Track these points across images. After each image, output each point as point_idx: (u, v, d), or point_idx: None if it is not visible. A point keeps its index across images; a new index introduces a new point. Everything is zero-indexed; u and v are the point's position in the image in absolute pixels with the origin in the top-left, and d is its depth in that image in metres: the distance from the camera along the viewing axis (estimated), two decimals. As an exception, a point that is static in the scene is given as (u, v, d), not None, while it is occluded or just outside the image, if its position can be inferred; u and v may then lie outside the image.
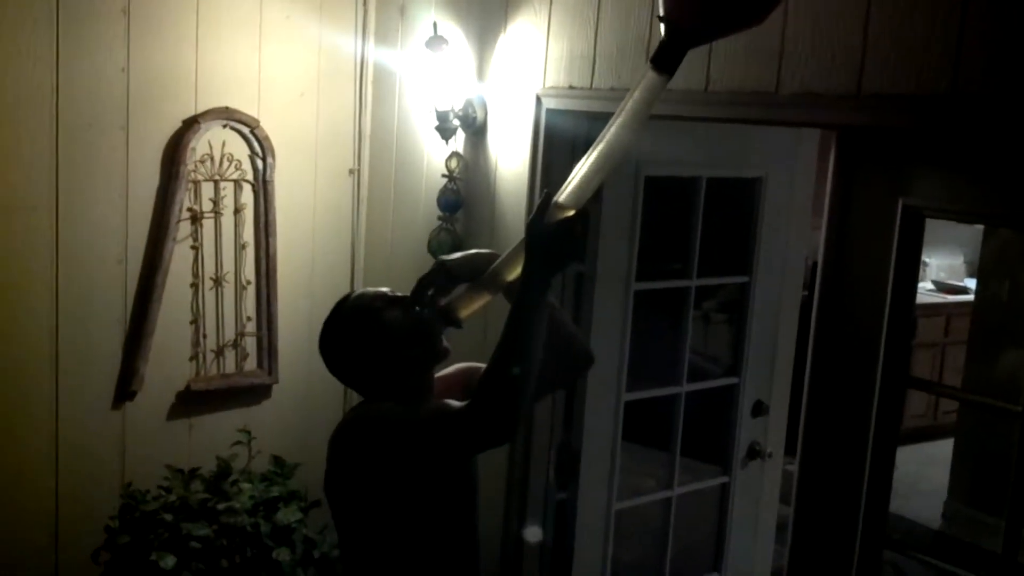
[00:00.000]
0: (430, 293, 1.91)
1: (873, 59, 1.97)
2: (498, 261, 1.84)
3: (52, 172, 2.96)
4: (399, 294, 1.99)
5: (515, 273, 1.77)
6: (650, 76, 1.66)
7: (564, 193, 1.68)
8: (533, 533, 1.89)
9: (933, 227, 2.26)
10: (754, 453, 3.37)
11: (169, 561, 2.68)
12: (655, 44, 2.34)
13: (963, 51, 1.83)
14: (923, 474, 5.81)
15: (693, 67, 2.30)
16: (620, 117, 1.66)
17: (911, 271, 2.24)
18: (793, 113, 2.17)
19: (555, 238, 1.65)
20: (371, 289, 2.03)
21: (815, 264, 4.45)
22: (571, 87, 2.69)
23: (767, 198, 3.21)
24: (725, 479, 3.36)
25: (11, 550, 3.05)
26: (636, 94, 1.66)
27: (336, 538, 2.99)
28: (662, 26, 1.65)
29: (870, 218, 2.26)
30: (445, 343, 1.94)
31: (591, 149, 1.68)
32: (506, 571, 2.94)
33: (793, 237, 3.33)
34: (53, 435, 3.08)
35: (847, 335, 2.31)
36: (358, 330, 1.93)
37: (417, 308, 1.93)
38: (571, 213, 1.65)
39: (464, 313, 1.89)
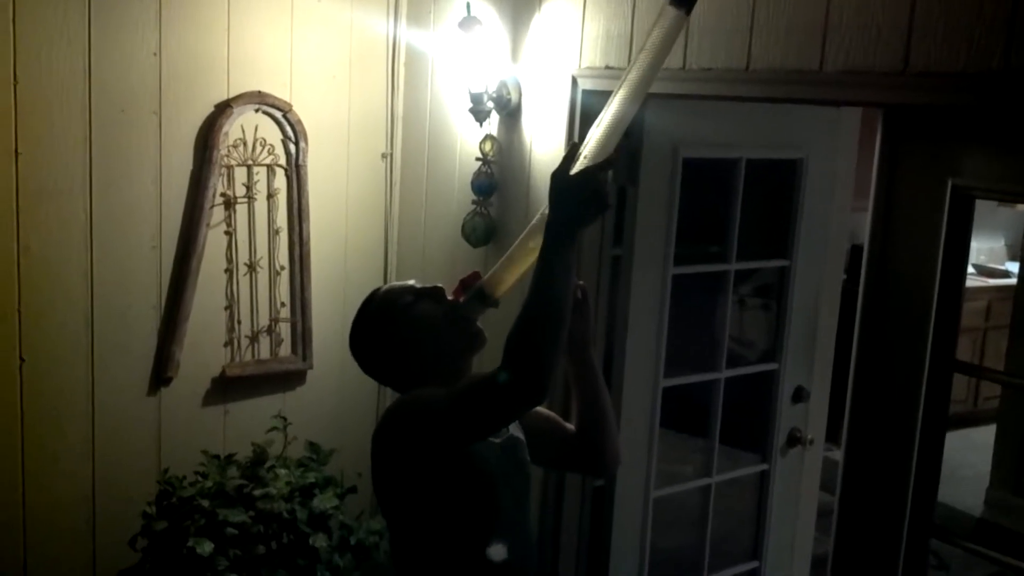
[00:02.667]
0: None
1: (921, 35, 1.91)
2: (526, 231, 1.81)
3: (85, 158, 2.96)
4: (427, 286, 1.96)
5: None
6: (668, 12, 1.65)
7: (589, 144, 1.65)
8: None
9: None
10: (794, 440, 3.32)
11: (206, 547, 2.68)
12: (693, 21, 2.31)
13: (1016, 25, 1.77)
14: (964, 460, 5.74)
15: (734, 45, 2.25)
16: (639, 60, 1.64)
17: (960, 253, 2.18)
18: (837, 91, 2.11)
19: (580, 187, 1.61)
20: (397, 283, 2.00)
21: (853, 247, 4.40)
22: (607, 67, 2.64)
23: (808, 180, 3.15)
24: (765, 466, 3.31)
25: (49, 536, 3.07)
26: (654, 33, 1.64)
27: (372, 525, 3.00)
28: None
29: (918, 199, 2.20)
30: (479, 327, 1.91)
31: (611, 97, 1.67)
32: (543, 558, 2.91)
33: (834, 219, 3.27)
34: (90, 422, 3.09)
35: (894, 319, 2.25)
36: (393, 325, 1.91)
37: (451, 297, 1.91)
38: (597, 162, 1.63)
39: (499, 291, 1.86)
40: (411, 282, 2.00)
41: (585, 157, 1.65)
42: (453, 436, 1.76)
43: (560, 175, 1.64)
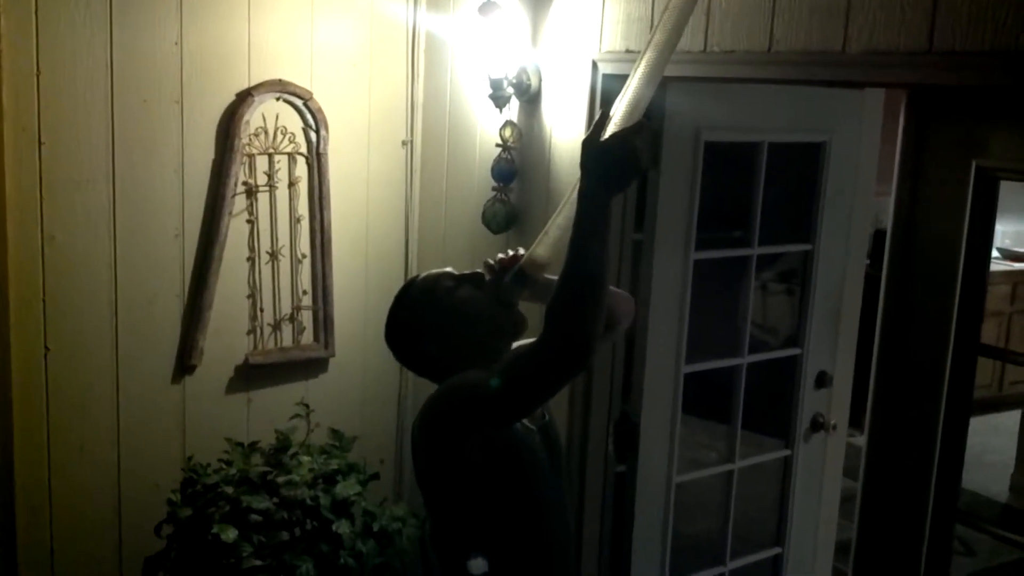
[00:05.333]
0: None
1: (945, 13, 1.89)
2: (560, 207, 1.80)
3: (108, 147, 2.98)
4: (466, 272, 1.95)
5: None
6: None
7: (618, 110, 1.65)
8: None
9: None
10: (817, 425, 3.30)
11: (231, 534, 2.70)
12: (714, 3, 2.30)
13: (1043, 4, 1.75)
14: (989, 446, 5.69)
15: (756, 27, 2.24)
16: (663, 21, 1.66)
17: (985, 235, 2.16)
18: (861, 73, 2.09)
19: (612, 151, 1.61)
20: (434, 271, 1.98)
21: (876, 232, 4.36)
22: (628, 51, 2.63)
23: (831, 163, 3.12)
24: (787, 452, 3.29)
25: (76, 524, 3.10)
26: None
27: (394, 511, 3.01)
28: None
29: (942, 181, 2.19)
30: (520, 311, 1.91)
31: (637, 62, 1.67)
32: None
33: (858, 203, 3.24)
34: (115, 410, 3.11)
35: (918, 303, 2.24)
36: (435, 312, 1.89)
37: (489, 278, 1.91)
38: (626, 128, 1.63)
39: (537, 270, 1.85)
40: (448, 269, 1.98)
41: (615, 124, 1.65)
42: (505, 412, 1.74)
43: (591, 141, 1.63)
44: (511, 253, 1.95)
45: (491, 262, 1.97)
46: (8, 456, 2.95)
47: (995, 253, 7.08)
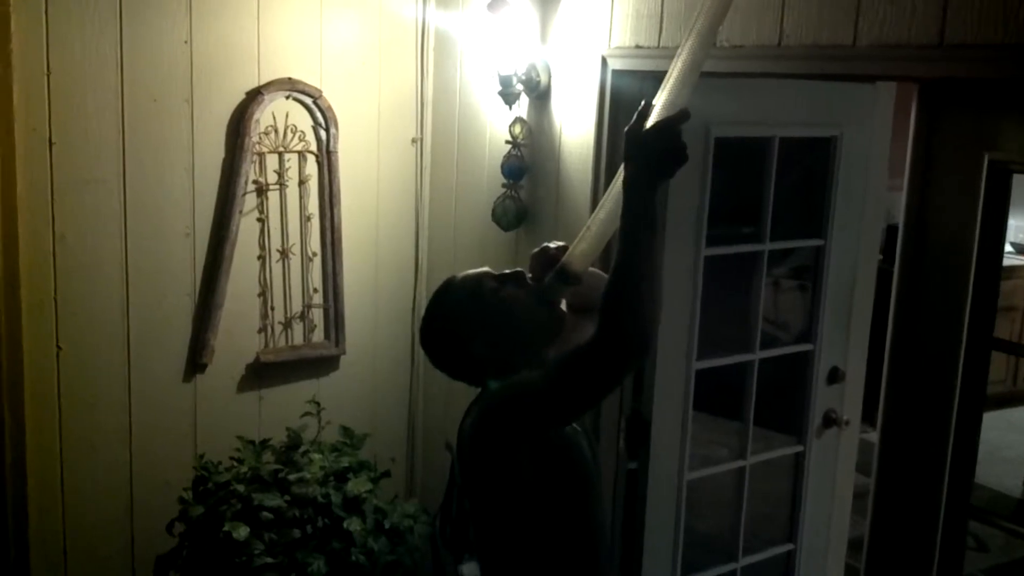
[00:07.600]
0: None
1: (956, 6, 1.88)
2: (602, 202, 1.79)
3: (119, 147, 2.98)
4: (507, 270, 1.94)
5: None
6: None
7: (660, 100, 1.65)
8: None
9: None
10: (830, 421, 3.29)
11: (242, 532, 2.71)
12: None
13: (1055, -5, 1.74)
14: (1003, 441, 5.67)
15: (765, 21, 2.23)
16: (706, 5, 1.64)
17: (997, 229, 2.15)
18: (871, 66, 2.08)
19: (656, 139, 1.60)
20: (471, 271, 1.95)
21: (889, 227, 4.34)
22: (638, 47, 2.62)
23: (843, 157, 3.11)
24: (800, 448, 3.28)
25: (88, 522, 3.11)
26: None
27: (405, 508, 3.01)
28: None
29: (954, 175, 2.17)
30: (562, 309, 1.89)
31: (680, 49, 1.66)
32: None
33: (870, 198, 3.22)
34: (126, 409, 3.12)
35: (931, 297, 2.22)
36: (482, 313, 1.86)
37: (531, 277, 1.90)
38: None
39: (580, 267, 1.83)
40: (486, 269, 1.95)
41: (657, 113, 1.64)
42: (563, 412, 1.73)
43: (635, 131, 1.62)
44: (555, 246, 1.94)
45: (551, 247, 1.95)
46: (20, 455, 2.95)
47: (1007, 247, 7.04)
